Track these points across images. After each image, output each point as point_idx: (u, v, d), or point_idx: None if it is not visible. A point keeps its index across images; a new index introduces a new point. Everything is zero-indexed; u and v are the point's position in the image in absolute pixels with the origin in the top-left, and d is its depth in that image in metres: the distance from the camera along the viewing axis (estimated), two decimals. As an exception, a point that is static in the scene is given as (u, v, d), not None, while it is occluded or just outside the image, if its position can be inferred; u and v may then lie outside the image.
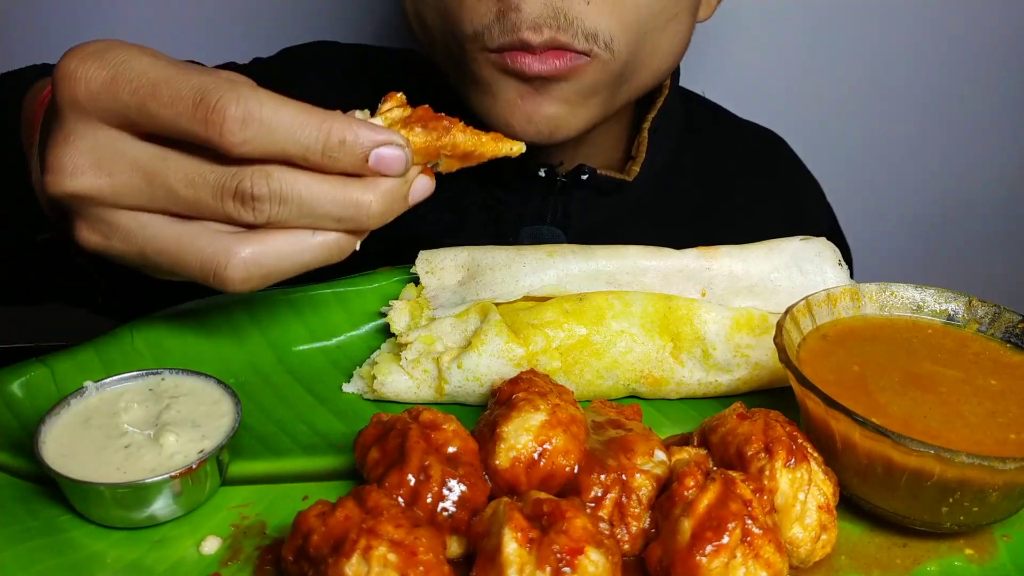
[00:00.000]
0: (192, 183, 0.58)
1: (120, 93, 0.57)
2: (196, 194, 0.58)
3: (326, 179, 0.59)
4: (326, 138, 0.58)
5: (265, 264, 0.60)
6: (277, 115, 0.57)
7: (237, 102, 0.55)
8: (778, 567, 0.55)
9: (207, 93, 0.56)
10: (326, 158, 0.58)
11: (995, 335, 0.73)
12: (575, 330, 0.76)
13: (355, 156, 0.59)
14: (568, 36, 0.87)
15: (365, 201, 0.60)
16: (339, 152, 0.58)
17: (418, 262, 0.84)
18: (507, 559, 0.51)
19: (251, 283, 0.61)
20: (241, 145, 0.56)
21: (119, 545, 0.61)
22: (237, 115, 0.55)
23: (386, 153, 0.60)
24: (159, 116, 0.57)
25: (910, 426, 0.62)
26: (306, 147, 0.58)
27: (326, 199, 0.59)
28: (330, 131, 0.58)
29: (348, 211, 0.60)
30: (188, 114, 0.56)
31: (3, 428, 0.71)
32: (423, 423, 0.62)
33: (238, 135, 0.56)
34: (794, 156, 1.31)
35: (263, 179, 0.58)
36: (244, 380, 0.79)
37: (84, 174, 0.58)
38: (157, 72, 0.57)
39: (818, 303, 0.74)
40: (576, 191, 1.05)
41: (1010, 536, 0.66)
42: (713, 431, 0.65)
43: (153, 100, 0.56)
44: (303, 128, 0.57)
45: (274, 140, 0.57)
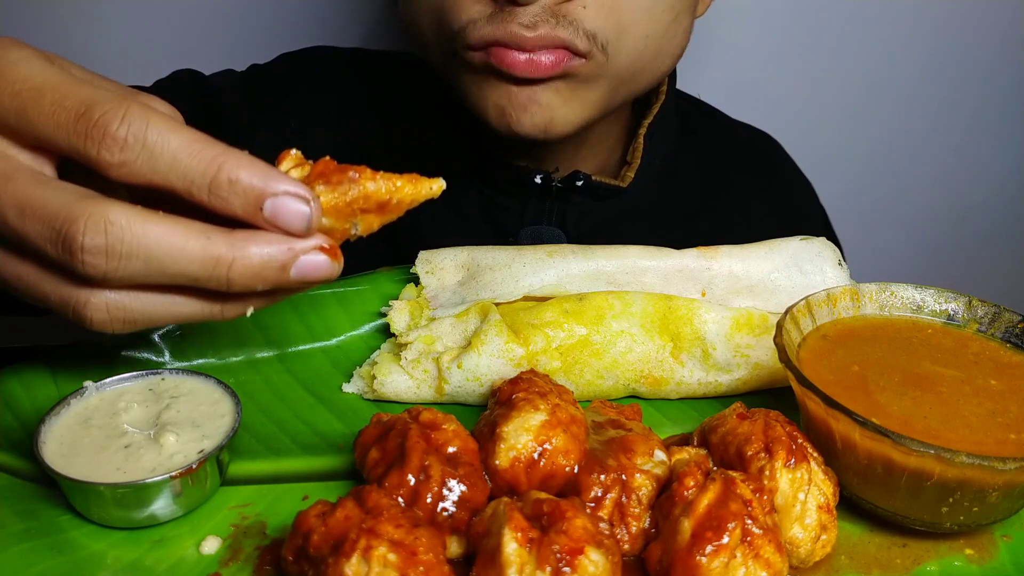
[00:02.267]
0: (22, 214, 0.51)
1: (1, 95, 0.52)
2: (24, 228, 0.51)
3: (185, 230, 0.51)
4: (215, 174, 0.51)
5: (131, 310, 0.54)
6: (164, 140, 0.50)
7: (122, 119, 0.50)
8: (778, 567, 0.55)
9: (92, 106, 0.50)
10: (213, 197, 0.51)
11: (995, 335, 0.73)
12: (575, 330, 0.76)
13: (247, 200, 0.51)
14: (569, 33, 0.85)
15: (225, 259, 0.52)
16: (228, 192, 0.51)
17: (418, 262, 0.84)
18: (507, 559, 0.51)
19: (114, 326, 0.54)
20: (119, 167, 0.50)
21: (119, 545, 0.61)
22: (119, 134, 0.50)
23: (285, 205, 0.51)
24: (38, 125, 0.51)
25: (910, 426, 0.62)
26: (191, 181, 0.51)
27: (180, 255, 0.51)
28: (221, 167, 0.51)
29: (205, 270, 0.52)
30: (68, 126, 0.50)
31: (3, 428, 0.71)
32: (423, 423, 0.62)
33: (116, 156, 0.50)
34: (787, 158, 1.32)
35: (99, 228, 0.49)
36: (244, 380, 0.79)
37: None
38: (45, 78, 0.52)
39: (818, 303, 0.74)
40: (572, 196, 1.05)
41: (1010, 536, 0.66)
42: (713, 431, 0.65)
43: (34, 107, 0.51)
44: (191, 159, 0.51)
45: (155, 167, 0.51)
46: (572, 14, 0.85)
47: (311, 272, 0.54)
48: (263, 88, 1.14)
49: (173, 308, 0.55)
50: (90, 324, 0.54)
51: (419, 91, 1.14)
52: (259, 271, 0.53)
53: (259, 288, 0.54)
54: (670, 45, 0.96)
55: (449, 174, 0.92)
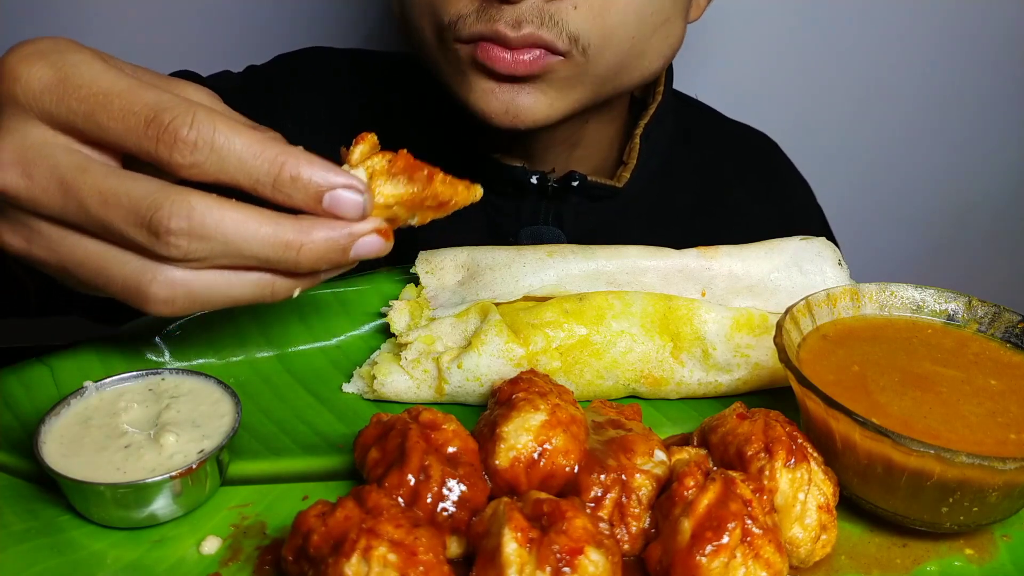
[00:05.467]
0: (105, 202, 0.55)
1: (67, 98, 0.55)
2: (107, 215, 0.55)
3: (258, 217, 0.56)
4: (278, 172, 0.55)
5: (193, 290, 0.57)
6: (230, 142, 0.55)
7: (191, 125, 0.54)
8: (778, 567, 0.55)
9: (161, 112, 0.54)
10: (277, 192, 0.56)
11: (995, 335, 0.73)
12: (575, 330, 0.76)
13: (308, 195, 0.56)
14: (552, 35, 0.86)
15: (295, 244, 0.57)
16: (291, 188, 0.56)
17: (418, 262, 0.84)
18: (507, 559, 0.51)
19: (176, 306, 0.57)
20: (190, 168, 0.54)
21: (119, 545, 0.61)
22: (189, 138, 0.54)
23: (343, 196, 0.57)
24: (108, 128, 0.55)
25: (910, 426, 0.62)
26: (256, 179, 0.55)
27: (253, 239, 0.56)
28: (283, 165, 0.55)
29: (276, 253, 0.57)
30: (139, 131, 0.54)
31: (3, 428, 0.71)
32: (423, 423, 0.62)
33: (188, 158, 0.54)
34: (785, 158, 1.32)
35: (184, 213, 0.54)
36: (244, 380, 0.79)
37: (6, 171, 0.55)
38: (110, 82, 0.55)
39: (818, 303, 0.74)
40: (569, 196, 1.05)
41: (1010, 536, 0.66)
42: (713, 431, 0.65)
43: (103, 111, 0.55)
44: (255, 159, 0.55)
45: (223, 168, 0.55)
46: (559, 15, 0.85)
47: (367, 252, 0.60)
48: (260, 89, 1.14)
49: (231, 290, 0.59)
50: (154, 306, 0.57)
51: (416, 91, 1.14)
52: (324, 253, 0.58)
53: (322, 268, 0.60)
54: (658, 47, 0.96)
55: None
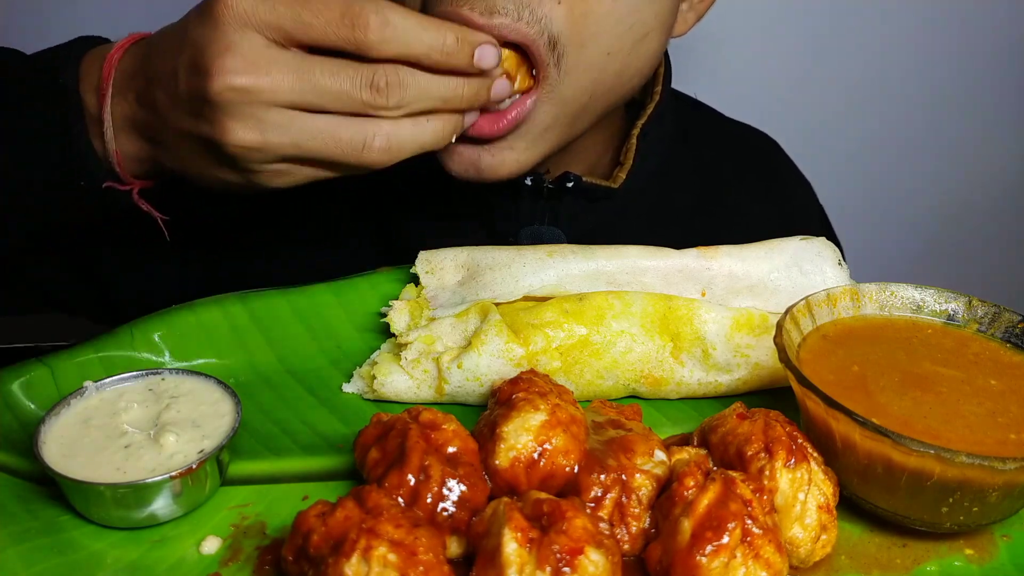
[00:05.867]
0: (337, 76, 0.70)
1: (277, 5, 0.68)
2: (340, 85, 0.70)
3: (434, 76, 0.73)
4: (443, 38, 0.72)
5: (399, 137, 0.73)
6: (406, 22, 0.70)
7: (376, 12, 0.69)
8: (778, 567, 0.55)
9: (350, 4, 0.69)
10: (444, 55, 0.72)
11: (995, 335, 0.73)
12: (575, 330, 0.76)
13: (465, 53, 0.74)
14: (531, 30, 0.81)
15: (459, 84, 0.75)
16: (455, 49, 0.73)
17: (418, 262, 0.84)
18: (507, 559, 0.51)
19: (390, 154, 0.73)
20: (380, 44, 0.69)
21: (119, 545, 0.61)
22: (376, 23, 0.69)
23: (487, 51, 0.75)
24: (311, 25, 0.69)
25: (910, 426, 0.62)
26: (430, 46, 0.72)
27: (434, 85, 0.73)
28: (447, 33, 0.72)
29: (449, 92, 0.74)
30: (337, 22, 0.69)
31: (3, 428, 0.71)
32: (423, 423, 0.62)
33: (378, 36, 0.69)
34: (785, 157, 1.31)
35: (394, 73, 0.71)
36: (244, 380, 0.79)
37: (247, 73, 0.68)
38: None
39: (818, 303, 0.74)
40: (565, 197, 1.04)
41: (1010, 536, 0.66)
42: (713, 431, 0.65)
43: (306, 11, 0.69)
44: (426, 32, 0.71)
45: (406, 42, 0.70)
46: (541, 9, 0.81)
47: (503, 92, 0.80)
48: None
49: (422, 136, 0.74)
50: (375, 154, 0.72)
51: None
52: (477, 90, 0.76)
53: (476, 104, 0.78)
54: (640, 63, 0.93)
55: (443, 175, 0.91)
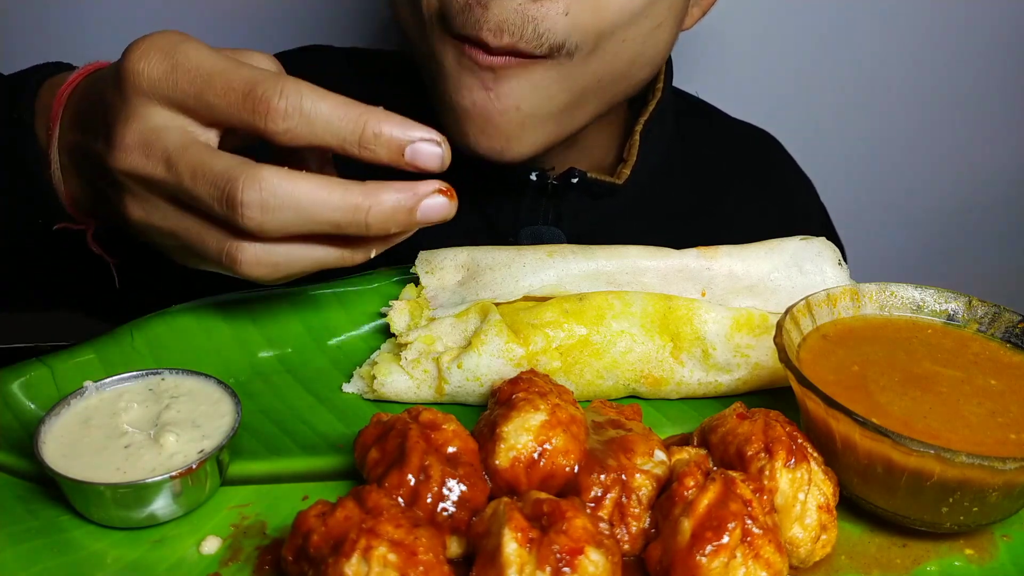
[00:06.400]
0: (194, 176, 0.62)
1: (179, 82, 0.62)
2: (196, 188, 0.61)
3: (327, 184, 0.62)
4: (362, 130, 0.62)
5: (277, 260, 0.64)
6: (316, 107, 0.61)
7: (280, 94, 0.60)
8: (778, 567, 0.55)
9: (255, 85, 0.61)
10: (363, 149, 0.62)
11: (995, 335, 0.73)
12: (575, 330, 0.76)
13: (391, 149, 0.62)
14: (530, 47, 0.84)
15: (363, 207, 0.62)
16: (374, 144, 0.62)
17: (418, 262, 0.84)
18: (507, 559, 0.51)
19: (262, 271, 0.64)
20: (284, 134, 0.61)
21: (119, 545, 0.61)
22: (280, 106, 0.60)
23: (423, 148, 0.63)
24: (213, 104, 0.62)
25: (910, 426, 0.62)
26: (343, 138, 0.62)
27: (324, 205, 0.61)
28: (366, 124, 0.62)
29: (346, 217, 0.62)
30: (238, 104, 0.61)
31: (3, 428, 0.71)
32: (423, 423, 0.62)
33: (280, 124, 0.61)
34: (787, 155, 1.31)
35: (255, 185, 0.60)
36: (244, 380, 0.79)
37: (133, 153, 0.63)
38: (212, 64, 0.62)
39: (818, 303, 0.74)
40: (568, 194, 1.04)
41: (1010, 536, 0.66)
42: (713, 431, 0.65)
43: (208, 89, 0.62)
44: (340, 120, 0.61)
45: (313, 131, 0.61)
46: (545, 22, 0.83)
47: (433, 213, 0.65)
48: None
49: (313, 254, 0.65)
50: (242, 269, 0.64)
51: (415, 90, 1.14)
52: (391, 214, 0.63)
53: (392, 231, 0.65)
54: (653, 52, 0.94)
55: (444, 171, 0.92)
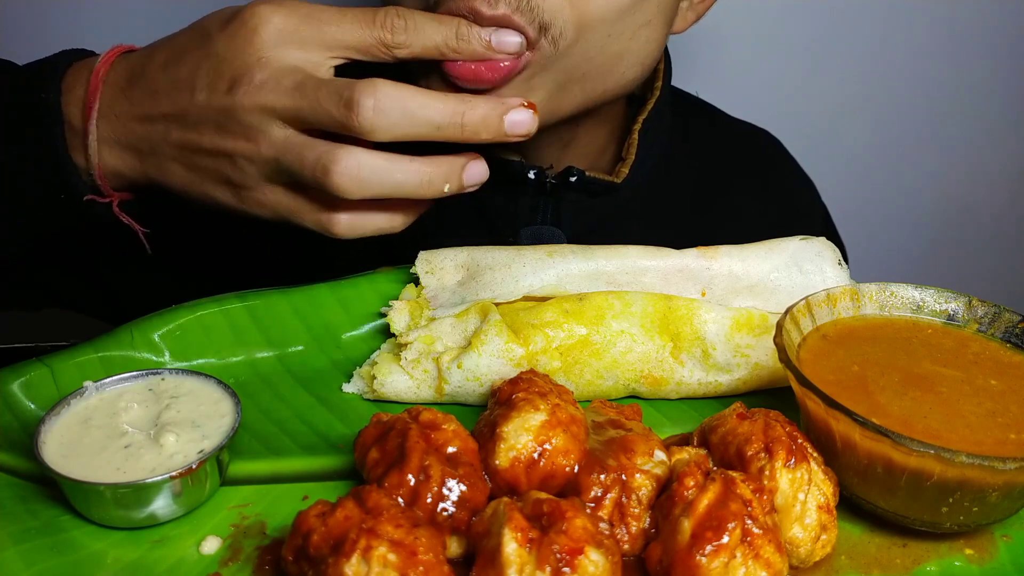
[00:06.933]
0: (319, 91, 0.69)
1: (309, 21, 0.71)
2: (321, 101, 0.68)
3: (431, 93, 0.69)
4: (460, 120, 0.69)
5: (372, 167, 0.69)
6: (424, 18, 0.71)
7: (398, 14, 0.71)
8: (778, 567, 0.55)
9: (376, 13, 0.71)
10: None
11: (995, 335, 0.73)
12: (575, 330, 0.76)
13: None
14: (524, 19, 0.79)
15: (460, 110, 0.69)
16: (469, 36, 0.71)
17: (418, 262, 0.84)
18: (507, 559, 0.51)
19: (354, 182, 0.69)
20: (401, 45, 0.71)
21: (119, 545, 0.61)
22: (399, 24, 0.71)
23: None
24: (344, 37, 0.73)
25: (910, 426, 0.62)
26: (444, 41, 0.71)
27: (428, 106, 0.68)
28: (460, 22, 0.71)
29: (446, 117, 0.69)
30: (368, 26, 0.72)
31: (3, 428, 0.71)
32: (423, 423, 0.62)
33: (400, 36, 0.71)
34: (787, 155, 1.31)
35: (370, 89, 0.67)
36: (244, 380, 0.79)
37: (265, 88, 0.70)
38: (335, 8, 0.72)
39: (818, 303, 0.74)
40: (566, 193, 1.04)
41: (1010, 536, 0.66)
42: (713, 431, 0.65)
43: (338, 26, 0.72)
44: (439, 24, 0.70)
45: (425, 39, 0.70)
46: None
47: (519, 125, 0.71)
48: None
49: (395, 174, 0.70)
50: (334, 178, 0.68)
51: None
52: (483, 119, 0.70)
53: (482, 136, 0.70)
54: (640, 51, 0.91)
55: None
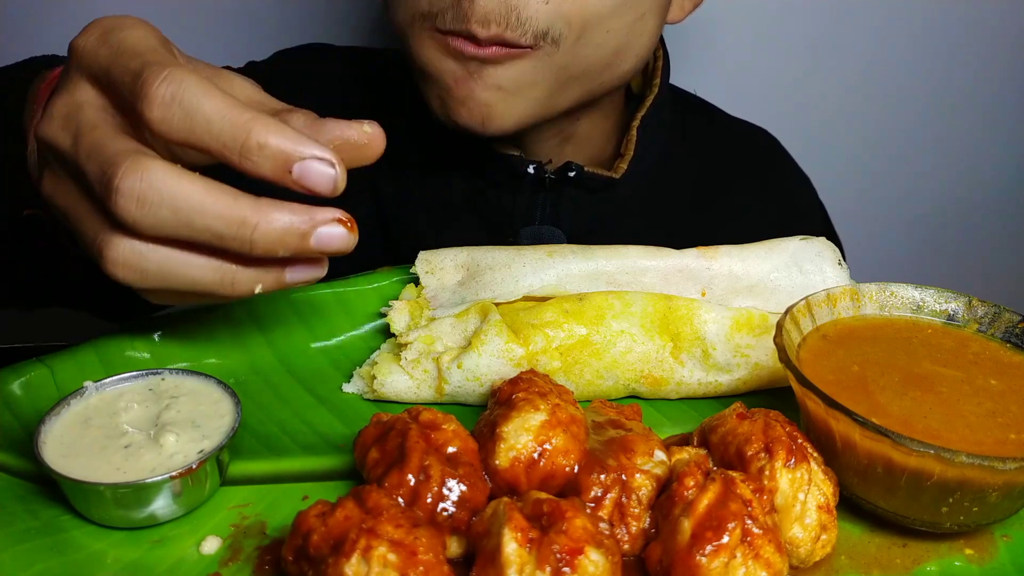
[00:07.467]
0: (88, 155, 0.57)
1: (100, 58, 0.59)
2: (87, 166, 0.57)
3: (216, 190, 0.55)
4: (245, 138, 0.54)
5: (147, 261, 0.57)
6: (199, 103, 0.54)
7: (163, 80, 0.55)
8: (778, 567, 0.55)
9: (144, 67, 0.56)
10: (244, 159, 0.55)
11: (995, 335, 0.73)
12: (575, 330, 0.76)
13: (276, 163, 0.55)
14: (516, 35, 0.85)
15: (250, 221, 0.55)
16: (258, 155, 0.55)
17: (418, 262, 0.84)
18: (507, 559, 0.51)
19: (127, 274, 0.58)
20: (159, 123, 0.55)
21: (119, 545, 0.61)
22: (157, 92, 0.55)
23: (312, 168, 0.55)
24: (116, 83, 0.58)
25: (910, 426, 0.62)
26: (223, 142, 0.55)
27: (206, 210, 0.55)
28: (250, 132, 0.54)
29: (230, 229, 0.55)
30: (128, 86, 0.56)
31: (3, 428, 0.71)
32: (423, 423, 0.62)
33: (156, 113, 0.55)
34: (786, 154, 1.31)
35: (137, 174, 0.54)
36: (244, 380, 0.79)
37: (54, 123, 0.60)
38: (132, 44, 0.58)
39: (818, 303, 0.74)
40: (565, 189, 1.04)
41: (1010, 536, 0.66)
42: (713, 431, 0.65)
43: (116, 67, 0.58)
44: (223, 122, 0.55)
45: (191, 128, 0.55)
46: (527, 11, 0.85)
47: (329, 242, 0.57)
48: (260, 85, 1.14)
49: (187, 269, 0.58)
50: (107, 265, 0.57)
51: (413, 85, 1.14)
52: (281, 236, 0.56)
53: (279, 254, 0.57)
54: (633, 45, 0.94)
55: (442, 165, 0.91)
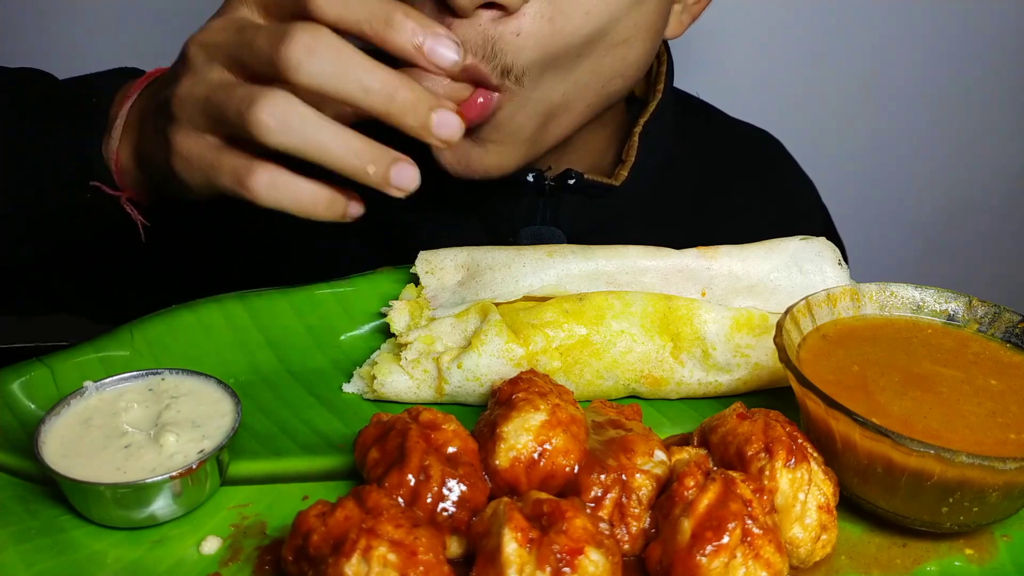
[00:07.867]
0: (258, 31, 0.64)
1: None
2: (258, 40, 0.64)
3: (372, 60, 0.63)
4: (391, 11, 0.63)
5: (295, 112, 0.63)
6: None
7: None
8: (778, 567, 0.55)
9: None
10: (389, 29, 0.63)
11: (995, 335, 0.73)
12: (575, 330, 0.76)
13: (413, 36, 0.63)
14: (488, 67, 0.83)
15: (395, 81, 0.63)
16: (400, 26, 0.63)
17: (418, 262, 0.84)
18: (507, 559, 0.51)
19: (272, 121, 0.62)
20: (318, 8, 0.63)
21: (119, 545, 0.61)
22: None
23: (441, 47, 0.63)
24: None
25: (910, 426, 0.62)
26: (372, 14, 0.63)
27: (363, 65, 0.62)
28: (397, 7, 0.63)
29: (378, 84, 0.63)
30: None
31: (3, 428, 0.71)
32: (423, 423, 0.62)
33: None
34: (788, 156, 1.31)
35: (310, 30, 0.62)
36: (244, 380, 0.79)
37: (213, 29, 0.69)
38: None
39: (818, 303, 0.74)
40: (565, 195, 1.04)
41: (1010, 536, 0.66)
42: (713, 431, 0.65)
43: None
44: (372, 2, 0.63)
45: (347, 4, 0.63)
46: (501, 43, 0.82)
47: (447, 124, 0.64)
48: None
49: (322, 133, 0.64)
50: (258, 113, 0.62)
51: None
52: (414, 103, 0.63)
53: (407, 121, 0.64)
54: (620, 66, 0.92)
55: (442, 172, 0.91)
